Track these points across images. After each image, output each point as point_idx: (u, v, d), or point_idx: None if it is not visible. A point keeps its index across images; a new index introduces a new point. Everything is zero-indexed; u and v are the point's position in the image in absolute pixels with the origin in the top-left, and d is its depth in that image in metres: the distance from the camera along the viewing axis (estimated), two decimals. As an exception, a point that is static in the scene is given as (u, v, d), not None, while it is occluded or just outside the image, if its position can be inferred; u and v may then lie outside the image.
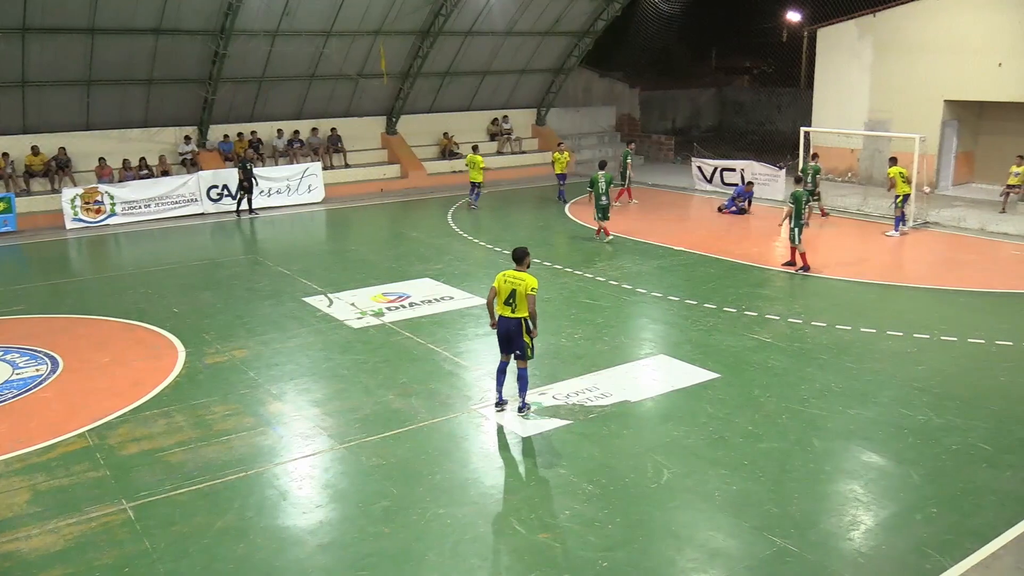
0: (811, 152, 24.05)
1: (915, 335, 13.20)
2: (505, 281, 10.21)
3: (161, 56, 24.72)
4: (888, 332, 13.34)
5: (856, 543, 7.75)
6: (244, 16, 24.58)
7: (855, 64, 28.31)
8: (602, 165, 21.63)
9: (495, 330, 10.34)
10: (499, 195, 28.58)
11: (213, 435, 10.07)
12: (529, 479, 8.96)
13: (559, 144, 27.44)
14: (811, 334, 13.31)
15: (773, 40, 41.49)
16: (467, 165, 26.24)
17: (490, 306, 10.30)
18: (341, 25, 26.69)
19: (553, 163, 27.03)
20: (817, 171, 23.07)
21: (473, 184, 25.97)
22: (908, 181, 20.79)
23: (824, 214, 23.16)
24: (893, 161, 21.34)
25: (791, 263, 17.52)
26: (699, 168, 28.11)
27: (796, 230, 17.24)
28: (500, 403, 10.58)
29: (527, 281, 10.08)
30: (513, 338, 10.19)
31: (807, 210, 17.25)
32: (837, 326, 13.66)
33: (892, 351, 12.55)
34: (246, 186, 25.06)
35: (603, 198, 20.24)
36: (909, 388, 11.15)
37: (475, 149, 27.05)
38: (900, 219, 20.90)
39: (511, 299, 10.10)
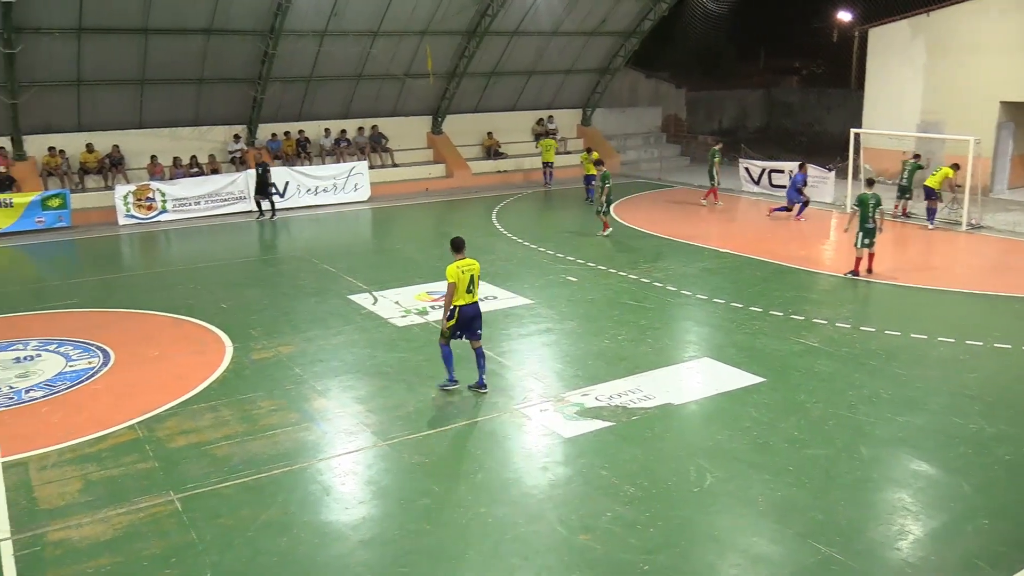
0: (912, 153, 24.01)
1: (967, 342, 12.93)
2: (462, 272, 10.89)
3: (212, 56, 25.11)
4: (939, 338, 13.09)
5: (904, 553, 7.62)
6: (293, 16, 24.88)
7: (907, 64, 27.81)
8: (598, 163, 22.32)
9: (450, 321, 10.90)
10: (543, 195, 28.57)
11: (259, 430, 10.20)
12: (571, 480, 8.94)
13: (588, 149, 27.99)
14: (859, 339, 13.10)
15: (823, 40, 40.96)
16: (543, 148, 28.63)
17: (449, 302, 10.80)
18: (388, 25, 26.88)
19: (582, 163, 27.80)
20: (917, 168, 22.73)
21: (545, 165, 29.23)
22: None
23: (905, 214, 22.72)
24: (956, 167, 21.62)
25: (856, 272, 16.99)
26: (746, 169, 27.82)
27: (861, 235, 16.84)
28: (453, 382, 11.15)
29: (476, 265, 11.10)
30: (476, 319, 10.97)
31: (878, 215, 16.80)
32: (886, 331, 13.43)
33: (943, 358, 12.30)
34: (266, 190, 24.78)
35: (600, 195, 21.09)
36: (961, 396, 10.92)
37: (589, 151, 28.05)
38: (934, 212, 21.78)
39: (471, 286, 10.87)
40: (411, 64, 28.61)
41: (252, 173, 25.42)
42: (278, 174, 25.99)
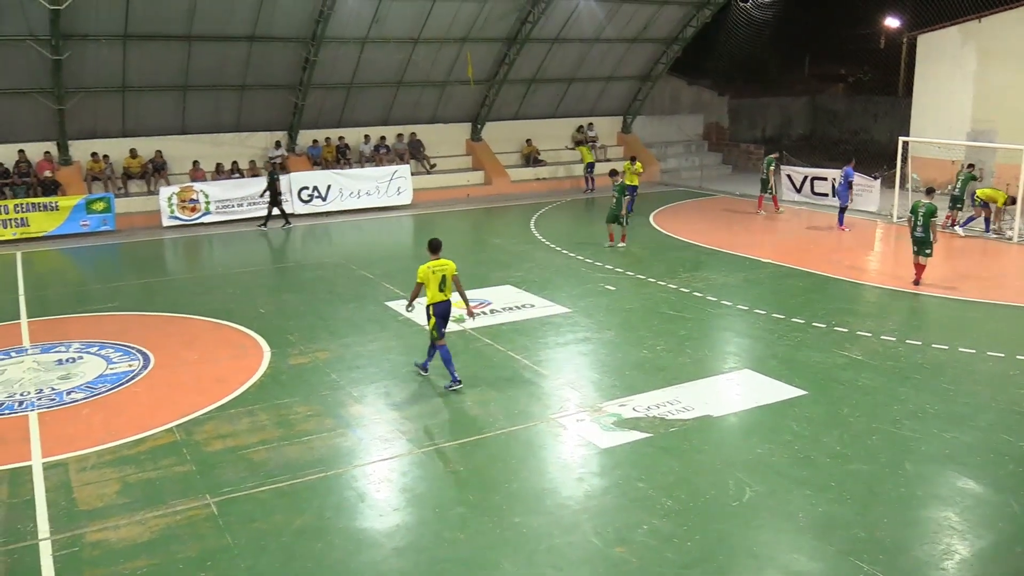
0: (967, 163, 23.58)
1: (1018, 356, 12.65)
2: (432, 272, 11.57)
3: (254, 62, 25.46)
4: (988, 353, 12.82)
5: (950, 573, 7.45)
6: (335, 24, 25.13)
7: (957, 71, 27.35)
8: (612, 173, 21.44)
9: (410, 311, 12.10)
10: (583, 203, 28.52)
11: (295, 435, 10.28)
12: (607, 491, 8.89)
13: (632, 158, 27.22)
14: (905, 352, 12.89)
15: (870, 47, 40.43)
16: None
17: (413, 297, 11.82)
18: (429, 32, 27.04)
19: (623, 173, 25.89)
20: (971, 179, 22.37)
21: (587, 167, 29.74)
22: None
23: (955, 224, 22.36)
24: (1012, 201, 21.53)
25: (918, 281, 16.87)
26: (788, 176, 27.56)
27: (913, 243, 16.72)
28: (457, 382, 11.64)
29: (450, 265, 11.70)
30: (446, 317, 11.69)
31: (932, 225, 16.58)
32: (933, 345, 13.20)
33: (992, 373, 12.05)
34: (276, 198, 24.67)
35: (616, 206, 20.32)
36: (1010, 412, 10.68)
37: (633, 160, 26.98)
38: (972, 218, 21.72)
39: (443, 285, 11.53)
40: (451, 71, 28.76)
41: (295, 177, 25.69)
42: (320, 178, 26.22)
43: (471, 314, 12.24)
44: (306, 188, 26.19)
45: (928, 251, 16.74)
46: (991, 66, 26.49)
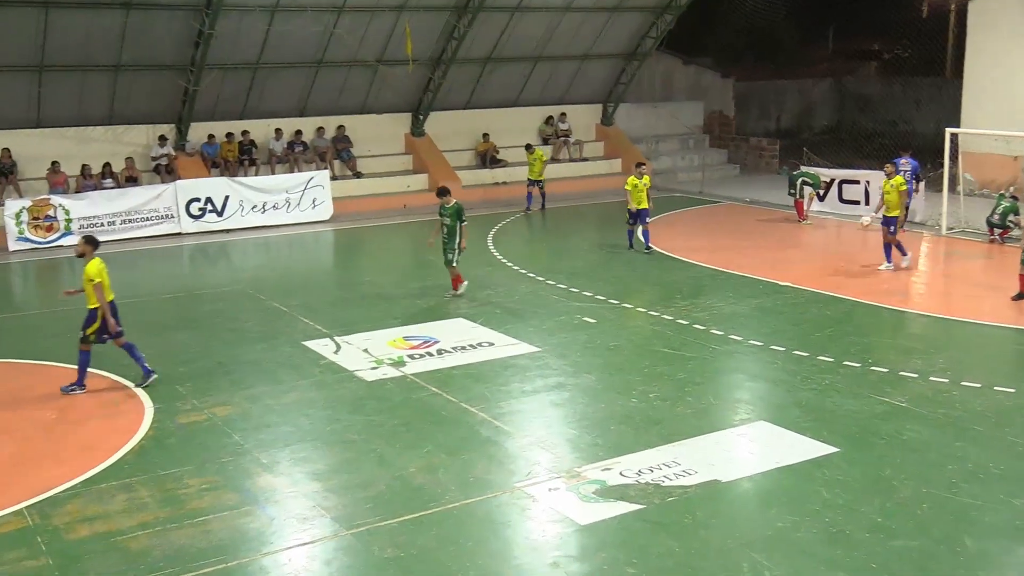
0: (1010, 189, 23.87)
1: (1099, 401, 12.86)
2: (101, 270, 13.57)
3: (131, 36, 25.31)
4: (1063, 396, 13.03)
5: (1022, 676, 7.49)
6: (236, -13, 25.15)
7: (1019, 46, 27.91)
8: (441, 192, 18.97)
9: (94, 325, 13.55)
10: (554, 213, 28.62)
11: (186, 515, 10.11)
12: (589, 580, 8.84)
13: (639, 165, 23.37)
14: (961, 398, 13.03)
15: (910, 17, 41.18)
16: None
17: (103, 299, 13.57)
18: (356, -2, 27.16)
19: (629, 192, 22.48)
20: (1012, 211, 22.78)
21: (532, 182, 28.52)
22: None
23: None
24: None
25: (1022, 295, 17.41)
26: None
27: None
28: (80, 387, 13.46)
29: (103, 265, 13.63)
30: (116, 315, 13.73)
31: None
32: (996, 387, 13.36)
33: (1069, 421, 12.23)
34: None
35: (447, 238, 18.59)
36: (1092, 471, 10.83)
37: (640, 168, 23.03)
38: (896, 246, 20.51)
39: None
40: (385, 48, 28.83)
41: (183, 186, 25.53)
42: (214, 188, 26.07)
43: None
44: (196, 200, 25.98)
45: None
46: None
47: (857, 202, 26.48)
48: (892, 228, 20.16)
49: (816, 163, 29.09)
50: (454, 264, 18.61)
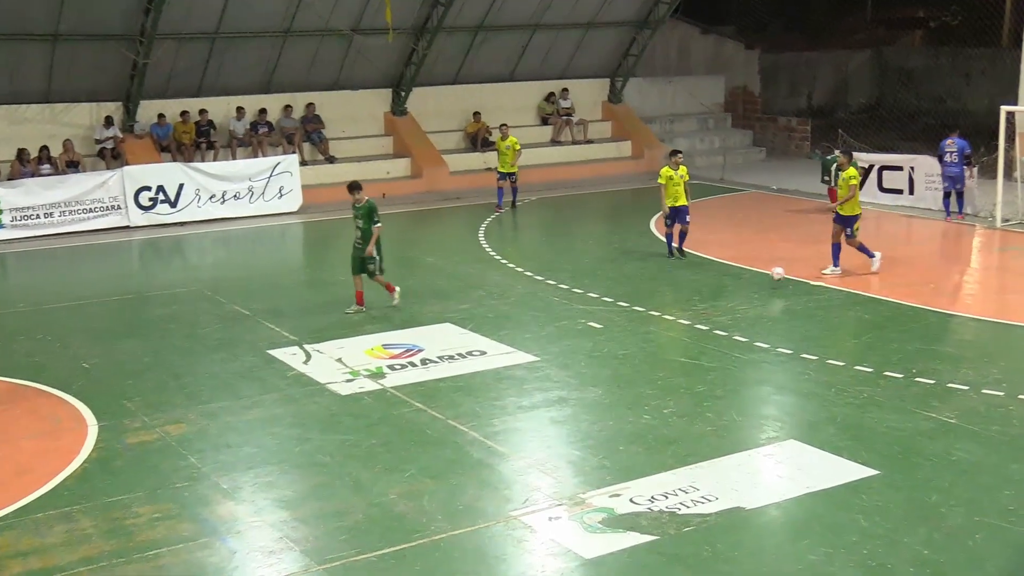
0: None
1: None
2: None
3: (71, 1, 25.24)
4: None
5: None
6: (191, -55, 25.15)
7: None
8: (353, 188, 18.18)
9: None
10: (554, 202, 28.61)
11: (135, 548, 10.09)
12: (594, 622, 8.85)
13: (674, 154, 22.06)
14: (1018, 413, 13.04)
15: (960, -21, 41.24)
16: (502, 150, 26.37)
17: None
18: (329, -42, 27.17)
19: (663, 187, 21.14)
20: None
21: (504, 175, 26.85)
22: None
23: None
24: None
25: None
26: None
27: None
28: None
29: None
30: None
31: None
32: (1056, 401, 13.40)
33: None
34: None
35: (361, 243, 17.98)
36: None
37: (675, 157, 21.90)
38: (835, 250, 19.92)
39: None
40: (361, 15, 28.81)
41: (131, 172, 25.45)
42: (166, 175, 26.02)
43: None
44: (146, 189, 25.92)
45: None
46: None
47: (900, 191, 26.47)
48: (849, 230, 19.66)
49: (853, 146, 29.10)
50: (378, 274, 17.98)
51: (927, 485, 11.13)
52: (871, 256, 19.77)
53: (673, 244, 21.34)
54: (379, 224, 17.85)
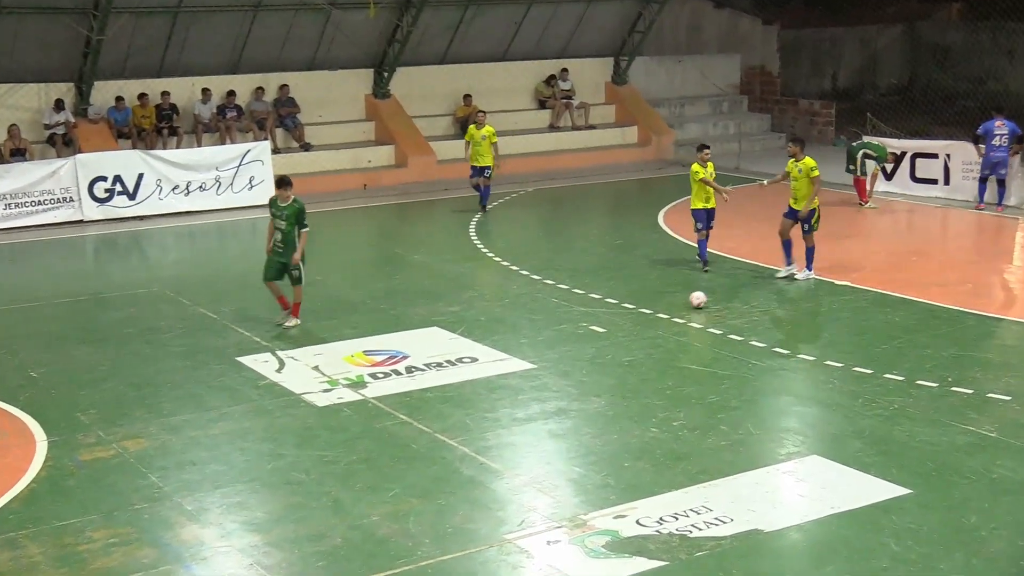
0: None
1: None
2: None
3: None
4: None
5: None
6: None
7: None
8: (281, 183, 17.55)
9: None
10: (553, 194, 28.60)
11: (89, 576, 10.09)
12: (597, 656, 8.86)
13: (702, 148, 21.05)
14: (1063, 425, 13.07)
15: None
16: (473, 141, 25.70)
17: None
18: (304, -75, 27.17)
19: (692, 189, 20.71)
20: None
21: (479, 170, 25.88)
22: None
23: None
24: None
25: None
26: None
27: None
28: None
29: None
30: None
31: None
32: (1107, 412, 13.42)
33: None
34: None
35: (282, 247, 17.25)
36: None
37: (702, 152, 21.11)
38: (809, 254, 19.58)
39: None
40: (340, -13, 28.83)
41: (85, 161, 25.42)
42: (124, 163, 25.97)
43: None
44: (102, 179, 25.87)
45: None
46: None
47: (934, 181, 26.45)
48: (806, 226, 19.29)
49: (882, 132, 29.16)
50: (302, 283, 17.30)
51: (965, 505, 11.12)
52: (808, 267, 19.29)
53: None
54: (306, 229, 17.24)
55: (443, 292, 19.18)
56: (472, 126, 26.54)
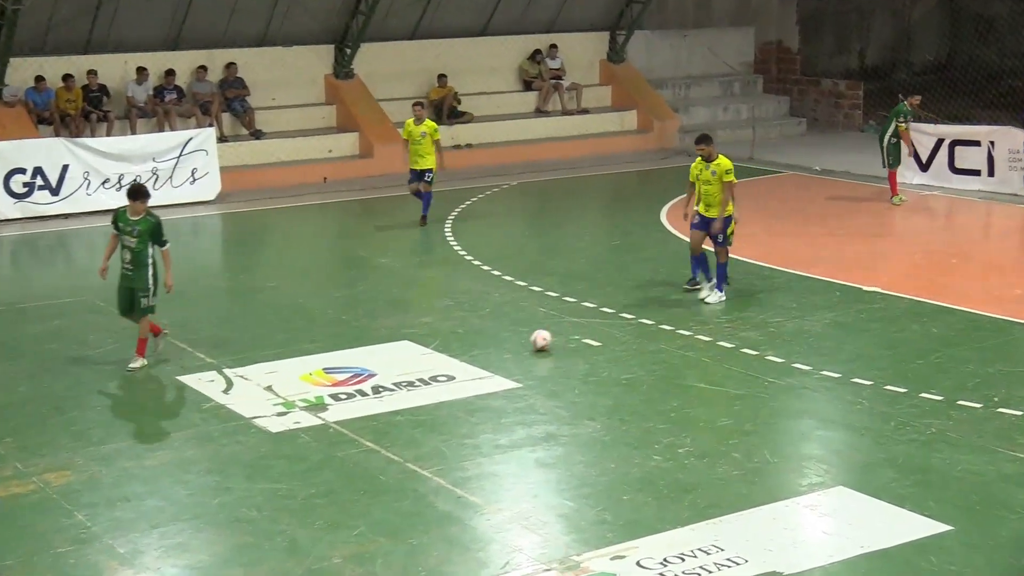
0: None
1: None
2: None
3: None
4: None
5: None
6: None
7: None
8: (135, 194, 17.08)
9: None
10: (540, 188, 28.64)
11: (6, 630, 10.07)
12: None
13: (703, 139, 19.63)
14: None
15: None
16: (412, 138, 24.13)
17: None
18: None
19: (702, 182, 19.05)
20: None
21: (418, 173, 24.52)
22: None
23: None
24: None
25: None
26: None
27: None
28: None
29: None
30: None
31: None
32: None
33: None
34: None
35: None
36: None
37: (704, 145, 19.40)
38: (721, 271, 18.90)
39: None
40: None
41: (4, 148, 25.41)
42: (47, 152, 25.92)
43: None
44: (20, 171, 25.79)
45: None
46: None
47: (976, 172, 26.46)
48: (720, 238, 18.64)
49: (917, 116, 29.23)
50: (148, 312, 16.48)
51: (1014, 544, 11.16)
52: (720, 288, 18.77)
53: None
54: (167, 247, 16.65)
55: (414, 301, 19.20)
56: (409, 120, 25.03)
